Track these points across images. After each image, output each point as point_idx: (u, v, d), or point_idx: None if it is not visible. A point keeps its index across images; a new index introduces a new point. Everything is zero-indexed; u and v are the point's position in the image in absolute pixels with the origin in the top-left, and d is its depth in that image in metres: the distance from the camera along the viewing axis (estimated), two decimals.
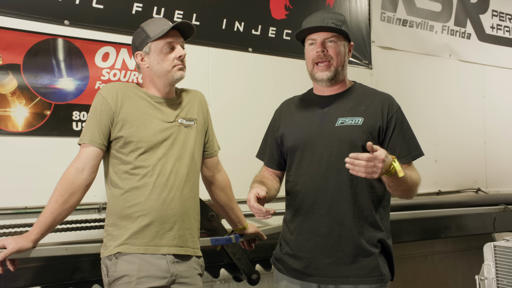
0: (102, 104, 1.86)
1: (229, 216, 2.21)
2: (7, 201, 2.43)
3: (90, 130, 1.85)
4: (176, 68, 1.91)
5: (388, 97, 1.87)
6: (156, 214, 1.83)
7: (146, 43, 1.89)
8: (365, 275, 1.74)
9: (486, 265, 1.71)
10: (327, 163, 1.79)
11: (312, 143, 1.83)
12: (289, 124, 1.93)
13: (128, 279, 1.77)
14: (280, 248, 1.92)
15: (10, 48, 2.44)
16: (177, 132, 1.92)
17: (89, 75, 2.66)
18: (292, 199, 1.89)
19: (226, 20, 3.15)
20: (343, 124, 1.80)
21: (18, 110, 2.47)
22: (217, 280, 2.89)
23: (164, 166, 1.86)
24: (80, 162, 1.83)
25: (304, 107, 1.94)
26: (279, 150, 1.97)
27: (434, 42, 4.20)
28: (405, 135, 1.81)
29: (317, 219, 1.79)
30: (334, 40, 1.82)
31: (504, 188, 4.45)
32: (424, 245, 4.05)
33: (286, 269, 1.87)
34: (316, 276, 1.78)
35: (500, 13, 4.66)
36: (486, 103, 4.50)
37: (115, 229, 1.84)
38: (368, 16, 3.82)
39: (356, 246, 1.76)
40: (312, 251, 1.79)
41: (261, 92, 3.28)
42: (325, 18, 1.82)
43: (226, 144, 3.10)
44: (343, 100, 1.86)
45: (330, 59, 1.82)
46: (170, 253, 1.84)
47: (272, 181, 1.96)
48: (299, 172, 1.86)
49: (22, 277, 2.04)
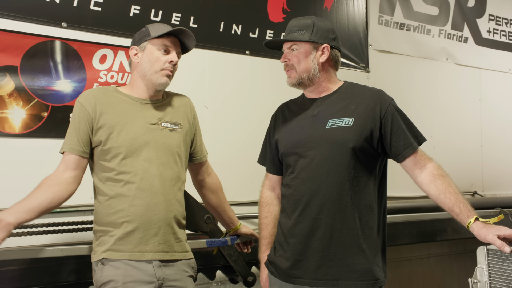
0: (80, 111, 1.85)
1: (221, 218, 2.21)
2: (4, 203, 2.42)
3: (69, 138, 1.84)
4: (164, 73, 1.87)
5: (378, 93, 1.86)
6: (140, 219, 1.80)
7: (144, 40, 1.89)
8: (357, 279, 1.73)
9: (479, 268, 1.71)
10: (318, 166, 1.79)
11: (303, 147, 1.84)
12: (282, 129, 1.95)
13: (114, 284, 1.75)
14: (274, 251, 1.92)
15: (7, 50, 2.45)
16: (161, 136, 1.88)
17: (87, 77, 2.67)
18: (286, 202, 1.90)
19: (223, 23, 3.16)
20: (334, 126, 1.80)
21: (15, 111, 2.47)
22: (213, 282, 2.89)
23: (148, 171, 1.83)
24: (61, 167, 1.83)
25: (296, 111, 1.95)
26: (277, 155, 1.98)
27: (431, 46, 4.22)
28: (405, 125, 1.81)
29: (308, 222, 1.79)
30: (295, 48, 1.86)
31: (501, 191, 4.46)
32: (420, 248, 4.05)
33: (278, 272, 1.87)
34: (307, 278, 1.78)
35: (496, 17, 4.67)
36: (483, 106, 4.51)
37: (101, 235, 1.83)
38: (365, 20, 3.84)
39: (348, 249, 1.75)
40: (303, 254, 1.79)
41: (258, 95, 3.28)
42: (289, 28, 1.89)
43: (223, 147, 3.12)
44: (333, 101, 1.87)
45: (292, 67, 1.87)
46: (156, 259, 1.82)
47: (276, 213, 2.01)
48: (292, 175, 1.87)
49: (18, 278, 2.04)
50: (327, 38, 1.87)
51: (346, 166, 1.76)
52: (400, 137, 1.79)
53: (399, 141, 1.78)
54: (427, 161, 1.80)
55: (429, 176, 1.77)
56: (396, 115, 1.80)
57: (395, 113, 1.81)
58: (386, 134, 1.79)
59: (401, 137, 1.79)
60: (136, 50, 1.91)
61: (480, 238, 1.64)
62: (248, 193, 3.13)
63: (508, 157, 4.57)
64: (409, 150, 1.78)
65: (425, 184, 1.78)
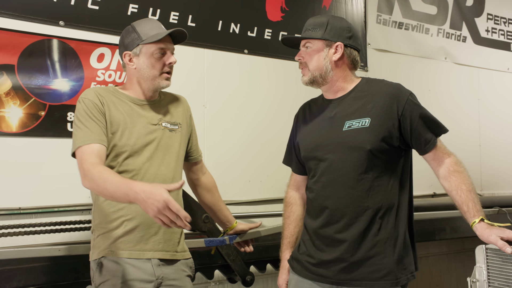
0: (90, 104, 1.79)
1: (217, 217, 2.21)
2: (1, 202, 2.42)
3: (81, 133, 1.74)
4: (164, 77, 1.87)
5: (395, 89, 1.84)
6: (141, 218, 1.80)
7: (136, 44, 1.85)
8: (379, 279, 1.73)
9: (477, 267, 1.71)
10: (337, 169, 1.79)
11: (322, 151, 1.84)
12: (302, 132, 1.96)
13: (113, 281, 1.75)
14: (298, 248, 1.94)
15: (4, 49, 2.44)
16: (162, 136, 1.89)
17: (84, 76, 2.66)
18: (310, 205, 1.91)
19: (222, 22, 3.15)
20: (350, 127, 1.79)
21: (12, 110, 2.46)
22: (211, 281, 2.88)
23: (149, 170, 1.83)
24: (94, 159, 1.67)
25: (315, 112, 1.95)
26: (300, 156, 1.99)
27: (430, 45, 4.21)
28: (424, 121, 1.80)
29: (332, 225, 1.79)
30: (309, 45, 1.86)
31: (499, 190, 4.46)
32: (418, 247, 3.99)
33: (301, 268, 1.88)
34: (330, 278, 1.79)
35: (495, 16, 4.67)
36: (481, 106, 4.51)
37: (100, 233, 1.83)
38: (364, 19, 3.83)
39: (370, 250, 1.75)
40: (327, 255, 1.80)
41: (257, 94, 3.28)
42: (306, 26, 1.90)
43: (221, 146, 3.11)
44: (349, 101, 1.85)
45: (305, 65, 1.87)
46: (155, 258, 1.82)
47: (298, 213, 2.02)
48: (314, 179, 1.88)
49: (15, 278, 2.03)
50: (341, 36, 1.85)
51: (365, 168, 1.76)
52: (421, 133, 1.79)
53: (420, 137, 1.79)
54: (445, 156, 1.82)
55: (445, 171, 1.80)
56: (414, 112, 1.79)
57: (413, 110, 1.79)
58: (406, 132, 1.79)
59: (421, 133, 1.79)
60: (130, 55, 1.87)
61: (483, 238, 1.64)
62: (247, 193, 3.13)
63: (506, 157, 4.57)
64: (429, 145, 1.80)
65: (441, 179, 1.82)
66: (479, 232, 1.65)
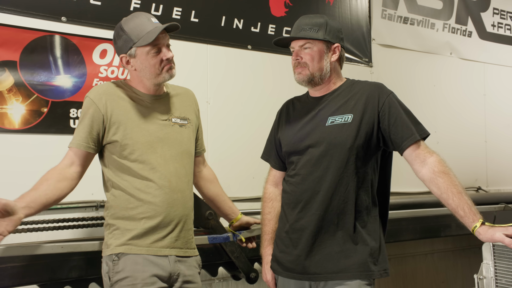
0: (90, 107, 1.84)
1: (222, 208, 2.21)
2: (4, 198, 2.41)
3: (78, 134, 1.83)
4: (165, 70, 1.87)
5: (377, 86, 1.86)
6: (161, 216, 1.82)
7: (130, 47, 1.83)
8: (355, 270, 1.75)
9: (485, 264, 1.70)
10: (317, 163, 1.80)
11: (304, 145, 1.85)
12: (285, 128, 1.96)
13: (132, 280, 1.76)
14: (276, 247, 1.93)
15: (6, 45, 2.43)
16: (173, 132, 1.90)
17: (87, 72, 2.65)
18: (287, 197, 1.91)
19: (225, 17, 3.13)
20: (333, 123, 1.81)
21: (14, 107, 2.45)
22: (215, 278, 2.88)
23: (165, 167, 1.85)
24: (67, 161, 1.83)
25: (299, 109, 1.96)
26: (281, 152, 1.99)
27: (435, 40, 4.18)
28: (404, 117, 1.77)
29: (309, 218, 1.80)
30: (309, 46, 1.84)
31: (505, 186, 4.43)
32: (424, 244, 4.03)
33: (281, 268, 1.88)
34: (307, 274, 1.79)
35: (501, 11, 4.63)
36: (487, 101, 4.48)
37: (116, 228, 1.83)
38: (368, 14, 3.80)
39: (345, 243, 1.77)
40: (302, 249, 1.80)
41: (261, 90, 3.26)
42: (300, 25, 1.87)
43: (225, 142, 3.10)
44: (334, 99, 1.88)
45: (305, 65, 1.85)
46: (172, 254, 1.84)
47: (279, 209, 2.00)
48: (293, 172, 1.88)
49: (18, 275, 2.03)
50: (338, 38, 1.89)
51: (345, 163, 1.77)
52: (398, 128, 1.76)
53: (398, 133, 1.76)
54: (427, 155, 1.74)
55: (430, 173, 1.71)
56: (394, 107, 1.78)
57: (393, 105, 1.79)
58: (385, 127, 1.78)
59: (399, 129, 1.76)
60: (127, 58, 1.87)
61: (487, 239, 1.61)
62: (251, 189, 3.12)
63: None
64: (408, 141, 1.75)
65: (426, 181, 1.73)
66: (482, 235, 1.62)
